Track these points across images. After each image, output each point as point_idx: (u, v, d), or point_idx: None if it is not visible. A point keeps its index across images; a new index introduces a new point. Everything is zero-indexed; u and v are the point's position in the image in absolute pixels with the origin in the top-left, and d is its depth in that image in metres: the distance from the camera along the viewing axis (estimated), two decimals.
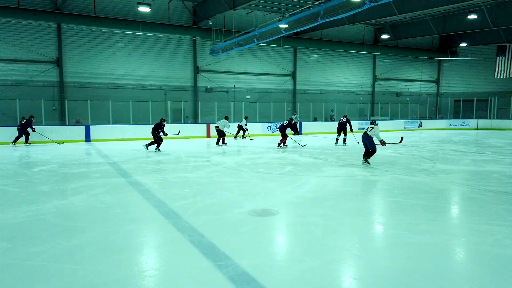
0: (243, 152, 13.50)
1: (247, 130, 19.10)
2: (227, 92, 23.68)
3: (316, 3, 13.77)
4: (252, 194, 6.84)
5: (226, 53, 20.66)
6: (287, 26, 15.71)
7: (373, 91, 29.52)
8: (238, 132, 19.32)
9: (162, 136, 13.52)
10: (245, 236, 4.65)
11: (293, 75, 26.02)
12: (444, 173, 8.91)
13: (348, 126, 15.63)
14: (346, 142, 15.97)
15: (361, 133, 10.36)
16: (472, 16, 20.87)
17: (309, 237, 4.64)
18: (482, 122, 27.08)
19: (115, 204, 6.16)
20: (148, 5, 18.11)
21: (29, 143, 15.64)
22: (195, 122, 21.98)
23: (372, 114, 28.76)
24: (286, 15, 15.23)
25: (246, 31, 18.29)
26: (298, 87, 26.16)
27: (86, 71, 19.99)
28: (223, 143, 15.88)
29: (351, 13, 12.86)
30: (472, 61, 29.39)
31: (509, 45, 26.27)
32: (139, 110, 19.80)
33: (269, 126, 21.64)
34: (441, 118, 29.79)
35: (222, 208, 5.90)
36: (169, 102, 21.25)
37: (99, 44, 20.23)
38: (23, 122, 15.33)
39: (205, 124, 20.14)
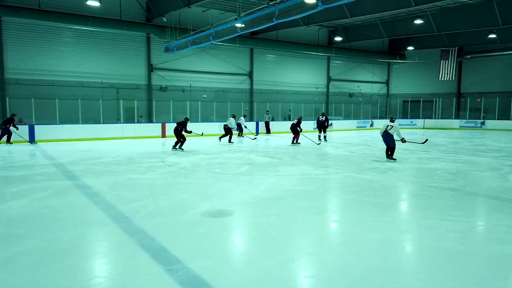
0: (199, 152, 13.29)
1: (245, 127, 19.09)
2: (183, 91, 23.24)
3: (271, 3, 13.85)
4: (207, 195, 6.72)
5: (181, 51, 20.27)
6: (243, 25, 15.71)
7: (327, 91, 30.26)
8: (242, 130, 19.36)
9: (185, 135, 13.37)
10: (198, 238, 4.53)
11: (250, 75, 26.05)
12: (393, 171, 9.28)
13: (326, 124, 16.75)
14: (326, 139, 16.60)
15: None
16: (418, 21, 22.03)
17: (264, 237, 4.61)
18: (428, 122, 28.72)
19: (59, 208, 5.79)
20: None
21: (11, 143, 15.21)
22: (150, 121, 21.39)
23: (326, 114, 29.41)
24: (242, 15, 15.19)
25: (202, 29, 18.04)
26: (255, 86, 26.23)
27: (30, 67, 18.73)
28: (229, 141, 16.15)
29: (305, 14, 13.09)
30: (419, 64, 30.99)
31: (452, 49, 27.98)
32: (89, 109, 18.87)
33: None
34: None
35: (175, 210, 5.73)
36: (121, 101, 20.46)
37: (44, 39, 19.02)
38: (4, 120, 15.21)
39: (160, 124, 19.63)
